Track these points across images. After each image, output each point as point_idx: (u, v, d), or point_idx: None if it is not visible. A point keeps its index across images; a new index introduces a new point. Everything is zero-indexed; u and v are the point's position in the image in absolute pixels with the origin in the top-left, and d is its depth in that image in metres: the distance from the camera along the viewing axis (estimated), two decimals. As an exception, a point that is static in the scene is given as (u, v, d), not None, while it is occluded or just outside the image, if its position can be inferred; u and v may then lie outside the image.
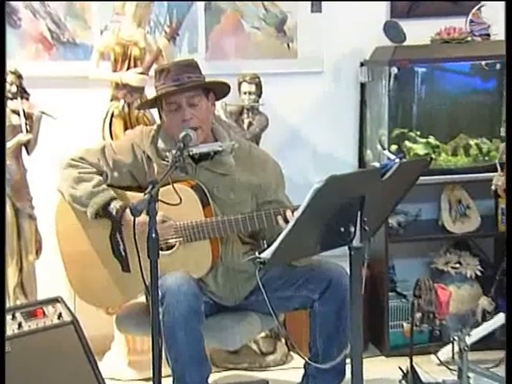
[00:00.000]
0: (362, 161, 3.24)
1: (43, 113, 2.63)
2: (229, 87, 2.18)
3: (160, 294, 1.92)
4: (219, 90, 2.19)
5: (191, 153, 2.06)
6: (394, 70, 2.90)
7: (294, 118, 3.25)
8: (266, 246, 1.74)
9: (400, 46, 2.96)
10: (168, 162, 2.07)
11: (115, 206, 2.09)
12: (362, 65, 3.16)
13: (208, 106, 2.14)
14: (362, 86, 3.20)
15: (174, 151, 1.96)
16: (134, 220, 1.71)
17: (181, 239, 2.10)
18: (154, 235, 1.69)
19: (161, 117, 2.18)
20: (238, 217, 2.06)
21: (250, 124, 3.11)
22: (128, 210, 2.04)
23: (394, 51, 2.94)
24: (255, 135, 3.06)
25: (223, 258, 2.15)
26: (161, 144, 2.15)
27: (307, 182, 3.18)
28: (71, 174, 2.14)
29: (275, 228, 2.07)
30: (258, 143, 3.02)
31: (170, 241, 2.11)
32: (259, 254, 1.63)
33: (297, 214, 1.57)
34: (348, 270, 1.71)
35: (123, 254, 2.14)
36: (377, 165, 1.73)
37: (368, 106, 3.20)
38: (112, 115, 2.95)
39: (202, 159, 2.14)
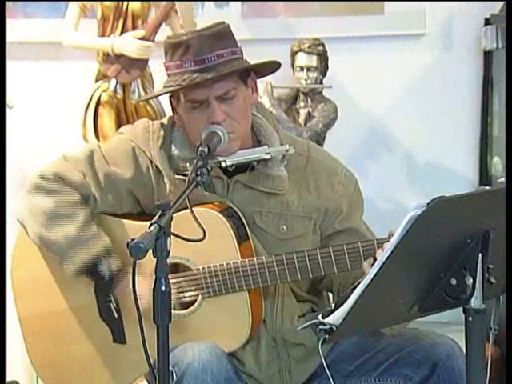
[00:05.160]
0: (485, 174, 3.25)
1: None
2: (278, 64, 2.23)
3: (175, 375, 1.96)
4: (264, 68, 2.22)
5: (224, 164, 2.11)
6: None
7: (377, 107, 3.30)
8: (333, 305, 1.77)
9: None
10: (187, 176, 2.12)
11: (109, 266, 2.13)
12: (487, 23, 3.20)
13: (247, 96, 2.17)
14: (487, 55, 3.24)
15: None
16: (134, 265, 1.75)
17: (204, 292, 2.14)
18: (163, 287, 1.73)
19: (174, 111, 2.21)
20: (293, 255, 2.09)
21: (310, 116, 3.16)
22: (125, 279, 2.10)
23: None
24: (317, 133, 3.11)
25: (268, 323, 2.18)
26: (175, 150, 2.19)
27: (398, 206, 3.21)
28: (42, 204, 2.17)
29: (350, 275, 2.10)
30: (321, 145, 3.07)
31: (188, 295, 2.17)
32: (323, 317, 1.67)
33: (382, 255, 1.61)
34: (463, 347, 1.73)
35: (115, 315, 2.19)
36: (509, 181, 1.76)
37: (496, 88, 3.22)
38: (98, 102, 3.05)
39: (238, 171, 2.18)
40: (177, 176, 2.17)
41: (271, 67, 2.22)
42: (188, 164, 2.11)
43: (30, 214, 2.19)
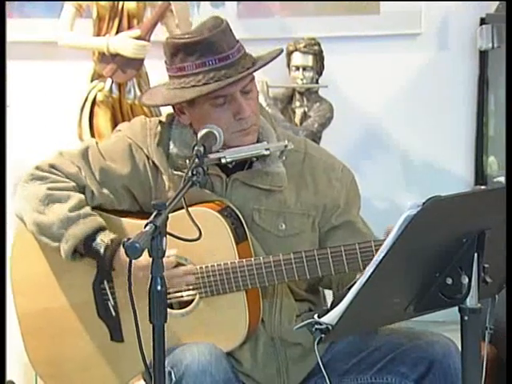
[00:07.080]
0: (481, 174, 3.26)
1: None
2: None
3: (174, 376, 1.98)
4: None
5: (224, 161, 2.12)
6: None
7: (373, 107, 3.31)
8: (329, 304, 1.78)
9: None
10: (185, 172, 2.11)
11: (103, 239, 2.12)
12: (482, 22, 3.21)
13: (257, 91, 2.21)
14: (483, 55, 3.24)
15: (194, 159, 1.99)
16: (130, 264, 1.76)
17: (201, 291, 2.15)
18: (159, 287, 1.74)
19: (180, 112, 2.20)
20: (291, 256, 2.10)
21: (305, 115, 3.17)
22: (122, 248, 2.07)
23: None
24: (313, 133, 3.12)
25: (266, 323, 2.19)
26: (174, 148, 2.20)
27: (394, 205, 3.22)
28: (37, 190, 2.18)
29: (349, 275, 2.11)
30: (317, 144, 3.08)
31: (186, 294, 2.17)
32: (319, 317, 1.67)
33: (377, 255, 1.62)
34: (459, 346, 1.74)
35: (113, 313, 2.20)
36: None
37: (492, 87, 3.23)
38: (93, 102, 3.06)
39: (237, 169, 2.19)
40: (175, 172, 2.18)
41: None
42: (187, 161, 2.11)
43: (25, 203, 2.20)
